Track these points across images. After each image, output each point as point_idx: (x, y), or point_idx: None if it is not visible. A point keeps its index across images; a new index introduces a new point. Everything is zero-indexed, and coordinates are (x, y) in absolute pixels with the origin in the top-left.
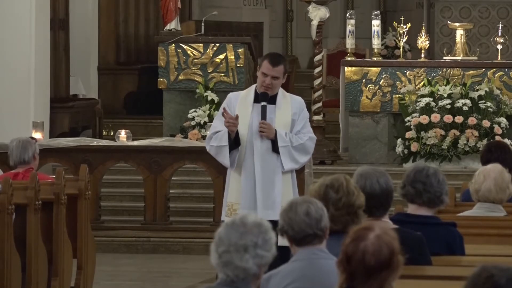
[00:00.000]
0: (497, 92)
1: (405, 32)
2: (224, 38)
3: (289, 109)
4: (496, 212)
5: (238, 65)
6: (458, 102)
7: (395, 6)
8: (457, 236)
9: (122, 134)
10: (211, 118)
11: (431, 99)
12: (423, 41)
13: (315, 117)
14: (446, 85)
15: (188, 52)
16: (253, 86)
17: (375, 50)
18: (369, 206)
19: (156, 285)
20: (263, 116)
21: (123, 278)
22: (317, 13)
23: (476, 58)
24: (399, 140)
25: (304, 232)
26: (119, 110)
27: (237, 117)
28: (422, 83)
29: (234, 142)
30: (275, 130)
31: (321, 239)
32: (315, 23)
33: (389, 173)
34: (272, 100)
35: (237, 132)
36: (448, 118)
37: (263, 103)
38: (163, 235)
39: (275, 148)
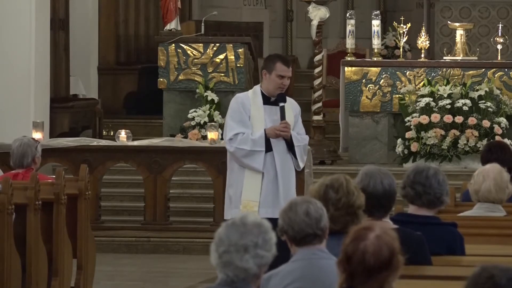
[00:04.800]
0: (497, 92)
1: (405, 32)
2: (224, 38)
3: (291, 111)
4: (496, 212)
5: (238, 65)
6: (458, 102)
7: (395, 6)
8: (457, 236)
9: (122, 134)
10: (211, 118)
11: (431, 99)
12: (423, 41)
13: (315, 117)
14: (446, 85)
15: (188, 52)
16: (257, 88)
17: (375, 50)
18: (369, 206)
19: (156, 285)
20: (283, 116)
21: (123, 278)
22: (317, 13)
23: (476, 58)
24: (399, 140)
25: (304, 232)
26: (119, 110)
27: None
28: (422, 83)
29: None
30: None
31: (321, 239)
32: (315, 23)
33: None
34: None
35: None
36: (448, 118)
37: (282, 104)
38: (163, 235)
39: (289, 148)
